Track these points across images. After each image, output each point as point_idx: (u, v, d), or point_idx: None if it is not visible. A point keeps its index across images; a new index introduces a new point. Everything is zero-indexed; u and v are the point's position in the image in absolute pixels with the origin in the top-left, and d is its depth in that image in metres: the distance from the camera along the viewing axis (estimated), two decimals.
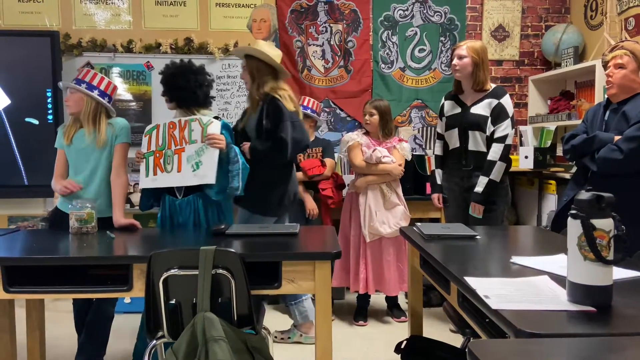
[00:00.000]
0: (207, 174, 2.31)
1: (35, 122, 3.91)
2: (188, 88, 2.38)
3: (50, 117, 3.91)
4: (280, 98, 2.51)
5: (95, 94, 2.36)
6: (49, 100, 3.93)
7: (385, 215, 3.18)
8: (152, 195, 2.49)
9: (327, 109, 4.28)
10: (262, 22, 4.23)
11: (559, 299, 1.24)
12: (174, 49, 4.17)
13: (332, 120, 4.30)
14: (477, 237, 2.00)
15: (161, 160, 2.39)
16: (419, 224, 2.18)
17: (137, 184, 2.82)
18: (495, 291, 1.30)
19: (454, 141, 2.93)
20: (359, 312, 3.37)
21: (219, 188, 2.36)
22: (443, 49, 4.33)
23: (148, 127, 2.52)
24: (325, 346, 1.79)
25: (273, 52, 2.63)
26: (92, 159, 2.38)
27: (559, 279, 1.38)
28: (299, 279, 1.82)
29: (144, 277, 1.77)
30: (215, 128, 2.36)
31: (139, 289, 1.81)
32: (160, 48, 4.15)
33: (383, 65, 4.30)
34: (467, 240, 1.98)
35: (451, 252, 1.80)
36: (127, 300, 3.48)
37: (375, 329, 3.25)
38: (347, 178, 3.65)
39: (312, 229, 2.38)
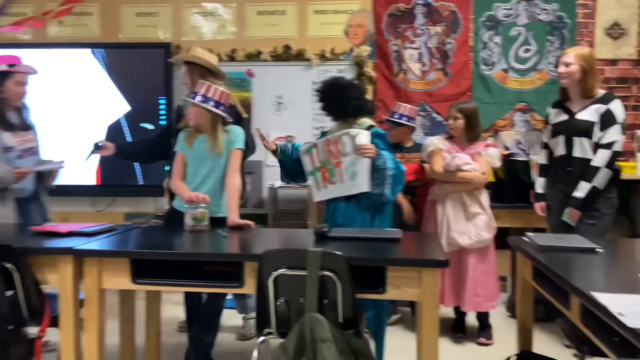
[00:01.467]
0: (362, 183, 2.47)
1: (150, 127, 4.24)
2: (338, 103, 2.54)
3: (163, 122, 4.22)
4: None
5: (210, 105, 2.48)
6: (162, 107, 4.24)
7: (465, 225, 3.01)
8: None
9: (422, 113, 4.21)
10: (358, 27, 4.28)
11: None
12: (274, 57, 4.33)
13: (428, 124, 4.22)
14: (599, 250, 1.86)
15: (327, 174, 2.59)
16: (530, 234, 2.08)
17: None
18: (629, 308, 1.21)
19: (559, 148, 2.84)
20: (457, 324, 3.24)
21: (369, 195, 2.49)
22: (551, 48, 4.09)
23: (306, 147, 2.67)
24: (431, 356, 1.75)
25: (211, 57, 2.86)
26: (209, 163, 2.51)
27: None
28: (404, 286, 1.80)
29: (255, 275, 1.85)
30: (363, 138, 2.49)
31: (250, 286, 1.89)
32: (261, 56, 4.32)
33: (484, 67, 4.15)
34: (587, 253, 1.85)
35: (570, 265, 1.69)
36: (229, 296, 3.65)
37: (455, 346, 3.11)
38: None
39: (415, 235, 2.35)
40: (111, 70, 4.26)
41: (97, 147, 2.86)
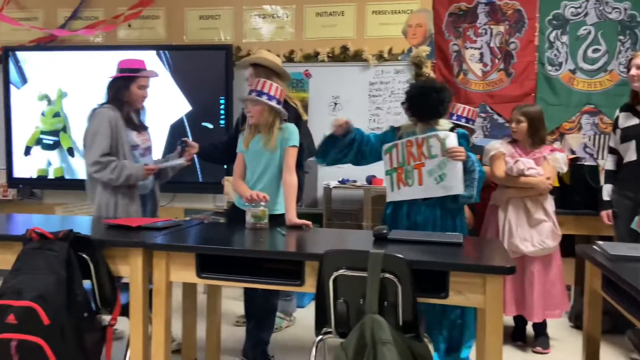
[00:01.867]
0: (455, 186, 2.49)
1: (210, 126, 4.37)
2: (431, 105, 2.55)
3: (222, 122, 4.34)
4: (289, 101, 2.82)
5: (264, 99, 2.50)
6: (222, 107, 4.36)
7: (528, 232, 2.90)
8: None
9: (482, 115, 4.11)
10: (417, 27, 4.23)
11: None
12: (331, 57, 4.36)
13: (488, 126, 4.12)
14: None
15: (402, 176, 2.61)
16: (600, 242, 1.99)
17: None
18: None
19: (629, 154, 2.73)
20: (517, 332, 3.14)
21: (453, 197, 2.52)
22: (622, 48, 3.89)
23: (387, 146, 2.67)
24: None
25: (275, 58, 2.92)
26: (263, 160, 2.56)
27: None
28: (467, 291, 1.77)
29: (315, 274, 1.87)
30: (453, 141, 2.51)
31: (310, 285, 1.91)
32: (318, 57, 4.36)
33: (549, 68, 4.00)
34: None
35: None
36: None
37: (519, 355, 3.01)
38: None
39: (476, 240, 2.30)
40: (174, 71, 4.42)
41: (183, 145, 2.94)
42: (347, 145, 2.66)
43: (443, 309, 2.56)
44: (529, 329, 3.14)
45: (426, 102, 2.55)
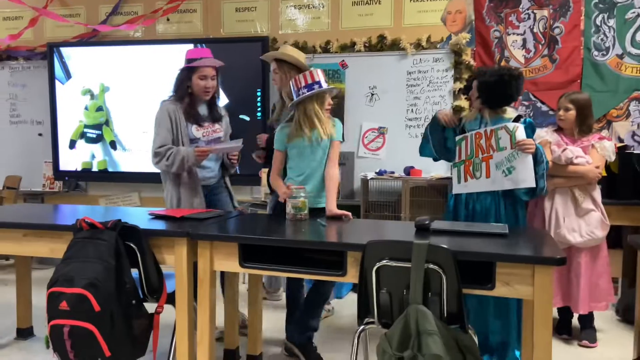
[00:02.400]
0: (526, 179, 2.51)
1: (247, 118, 4.41)
2: (509, 93, 2.55)
3: (259, 114, 4.37)
4: None
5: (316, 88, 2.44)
6: (259, 99, 4.39)
7: (576, 222, 2.84)
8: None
9: (525, 102, 4.00)
10: (457, 14, 4.14)
11: None
12: (367, 47, 4.31)
13: (531, 114, 4.00)
14: None
15: (470, 168, 2.64)
16: None
17: None
18: None
19: None
20: (562, 324, 3.06)
21: (528, 189, 2.54)
22: None
23: (459, 138, 2.69)
24: (545, 356, 1.67)
25: (300, 55, 2.86)
26: (311, 156, 2.52)
27: None
28: (515, 283, 1.72)
29: (357, 265, 1.87)
30: (522, 133, 2.52)
31: (352, 275, 1.91)
32: (355, 47, 4.32)
33: (596, 53, 3.84)
34: None
35: None
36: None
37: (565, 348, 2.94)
38: None
39: (522, 230, 2.24)
40: None
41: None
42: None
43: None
44: (575, 321, 3.06)
45: (504, 90, 2.53)
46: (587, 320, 2.98)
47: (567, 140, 2.93)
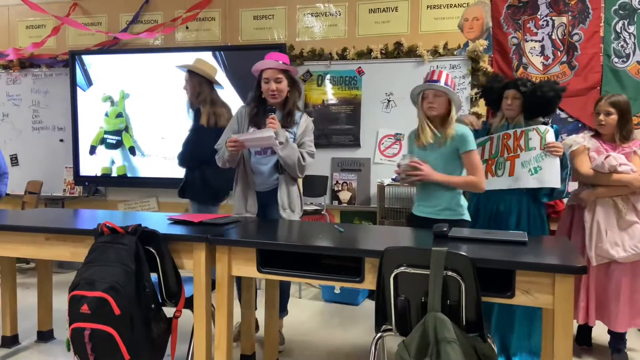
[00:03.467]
0: (551, 179, 2.58)
1: None
2: (554, 107, 2.76)
3: None
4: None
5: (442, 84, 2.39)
6: None
7: (619, 235, 2.64)
8: None
9: None
10: (474, 21, 4.13)
11: None
12: (384, 54, 4.32)
13: (549, 121, 3.94)
14: None
15: (492, 167, 2.70)
16: None
17: None
18: None
19: None
20: (582, 335, 2.97)
21: (549, 191, 2.62)
22: None
23: (481, 140, 2.75)
24: None
25: (210, 68, 3.25)
26: (432, 156, 2.45)
27: None
28: (535, 291, 1.71)
29: (375, 271, 1.86)
30: (552, 136, 2.62)
31: (369, 282, 1.90)
32: (372, 53, 4.33)
33: (616, 60, 3.80)
34: None
35: None
36: (337, 290, 3.72)
37: None
38: (572, 185, 3.30)
39: (543, 239, 2.21)
40: (229, 71, 4.52)
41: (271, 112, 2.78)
42: None
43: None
44: (596, 333, 2.98)
45: (555, 104, 2.70)
46: (618, 337, 2.78)
47: (607, 146, 2.73)
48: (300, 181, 2.88)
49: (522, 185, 2.60)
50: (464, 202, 2.48)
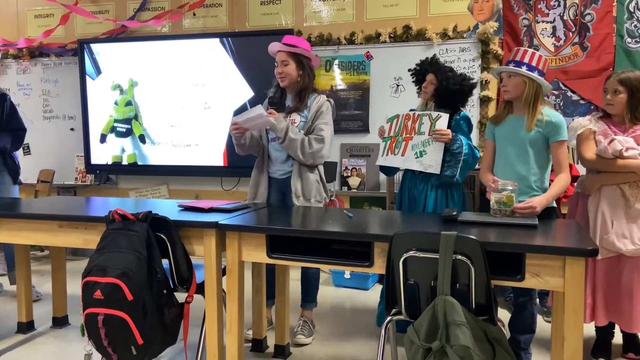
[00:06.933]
0: (432, 165, 2.61)
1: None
2: (462, 102, 2.72)
3: None
4: None
5: (535, 74, 2.28)
6: None
7: (627, 226, 2.38)
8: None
9: (555, 92, 3.90)
10: (484, 2, 4.06)
11: None
12: (393, 38, 4.27)
13: (561, 103, 3.91)
14: None
15: (394, 145, 2.74)
16: None
17: None
18: None
19: None
20: (599, 346, 2.63)
21: (438, 175, 2.62)
22: None
23: (390, 116, 2.82)
24: (576, 348, 1.65)
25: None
26: (515, 144, 2.36)
27: None
28: (545, 274, 1.70)
29: (384, 256, 1.87)
30: (442, 123, 2.58)
31: (379, 266, 1.91)
32: (380, 37, 4.29)
33: (629, 40, 3.73)
34: None
35: None
36: (347, 275, 3.74)
37: None
38: (582, 169, 3.24)
39: (553, 223, 2.19)
40: (237, 58, 4.50)
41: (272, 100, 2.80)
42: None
43: None
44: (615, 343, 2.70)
45: (462, 99, 2.70)
46: (631, 340, 2.62)
47: (616, 129, 2.47)
48: (321, 168, 2.82)
49: (408, 167, 2.67)
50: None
